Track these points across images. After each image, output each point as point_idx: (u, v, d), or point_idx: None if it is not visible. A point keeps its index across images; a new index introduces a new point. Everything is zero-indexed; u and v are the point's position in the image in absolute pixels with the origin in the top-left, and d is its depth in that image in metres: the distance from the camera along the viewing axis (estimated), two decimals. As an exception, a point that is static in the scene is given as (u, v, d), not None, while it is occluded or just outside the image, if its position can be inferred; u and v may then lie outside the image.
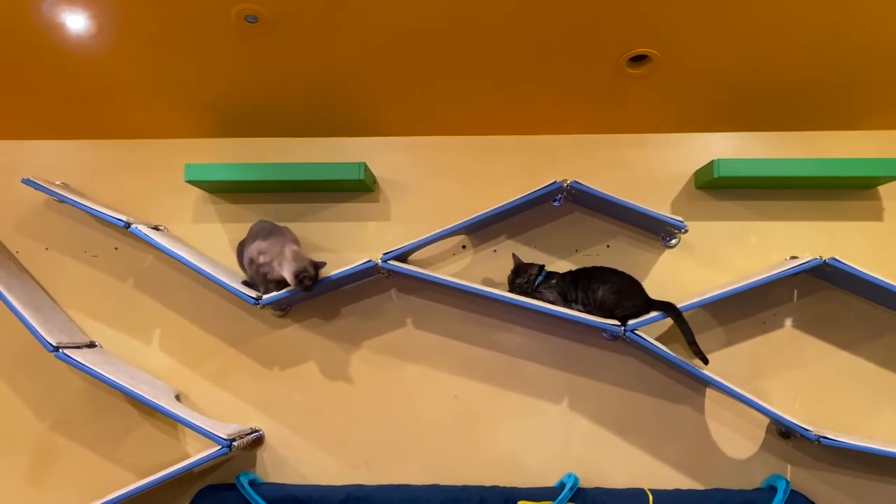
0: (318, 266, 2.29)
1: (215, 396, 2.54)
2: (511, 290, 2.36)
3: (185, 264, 2.35)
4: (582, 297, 2.31)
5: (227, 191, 2.59)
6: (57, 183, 2.56)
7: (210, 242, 2.59)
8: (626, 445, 2.45)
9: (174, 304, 2.57)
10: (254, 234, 2.39)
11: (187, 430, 2.45)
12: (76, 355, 2.29)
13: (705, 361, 2.22)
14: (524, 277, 2.35)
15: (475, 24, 1.98)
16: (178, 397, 2.51)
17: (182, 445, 2.52)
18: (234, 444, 2.26)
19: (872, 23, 1.94)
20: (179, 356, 2.56)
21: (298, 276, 2.24)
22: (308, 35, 2.04)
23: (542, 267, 2.37)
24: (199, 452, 2.30)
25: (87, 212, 2.44)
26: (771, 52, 2.08)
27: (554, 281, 2.35)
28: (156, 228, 2.52)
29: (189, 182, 2.45)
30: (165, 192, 2.61)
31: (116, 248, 2.60)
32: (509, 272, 2.40)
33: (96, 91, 2.35)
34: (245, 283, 2.43)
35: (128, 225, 2.37)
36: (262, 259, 2.31)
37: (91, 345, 2.52)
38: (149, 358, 2.56)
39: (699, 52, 2.09)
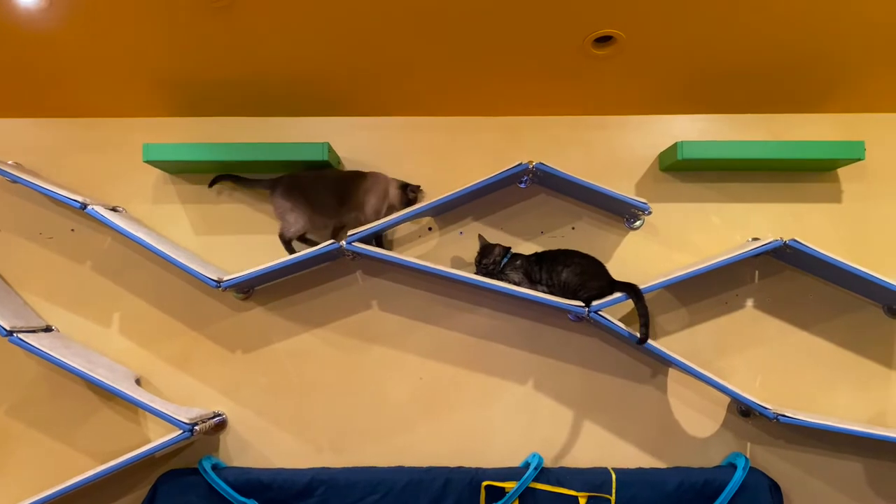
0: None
1: (177, 380, 2.51)
2: (478, 272, 2.36)
3: (144, 246, 2.30)
4: (546, 278, 2.32)
5: (188, 171, 2.53)
6: (9, 163, 2.48)
7: (170, 224, 2.54)
8: (590, 425, 2.48)
9: (134, 287, 2.52)
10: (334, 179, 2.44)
11: (148, 414, 2.41)
12: (31, 340, 2.24)
13: (642, 341, 2.22)
14: (490, 258, 2.34)
15: (440, 4, 1.96)
16: (138, 381, 2.47)
17: (143, 430, 2.48)
18: (196, 428, 2.23)
19: (833, 8, 1.96)
20: (140, 339, 2.51)
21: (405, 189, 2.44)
22: (271, 12, 1.99)
23: (507, 248, 2.37)
24: (160, 437, 2.28)
25: (41, 192, 2.36)
26: (734, 35, 2.09)
27: (519, 262, 2.35)
28: (114, 210, 2.46)
29: (148, 162, 2.39)
30: (124, 172, 2.54)
31: (73, 230, 2.53)
32: (476, 254, 2.39)
33: (50, 67, 2.27)
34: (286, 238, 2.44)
35: (84, 206, 2.30)
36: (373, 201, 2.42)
37: (47, 329, 2.46)
38: (108, 342, 2.51)
39: (664, 34, 2.09)
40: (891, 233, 2.49)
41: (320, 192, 2.42)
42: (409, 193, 2.42)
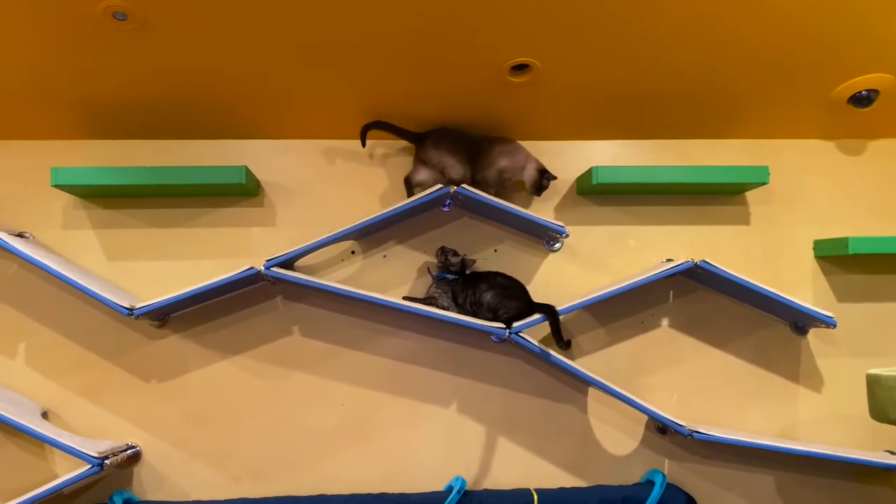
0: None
1: (88, 412, 2.41)
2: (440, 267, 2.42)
3: (51, 273, 2.21)
4: (471, 298, 2.34)
5: (100, 195, 2.45)
6: None
7: (81, 250, 2.44)
8: (513, 446, 2.49)
9: (41, 316, 2.42)
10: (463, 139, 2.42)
11: (56, 449, 2.30)
12: (-73, 374, 2.12)
13: (568, 345, 2.36)
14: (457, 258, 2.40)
15: (357, 29, 1.96)
16: (45, 415, 2.36)
17: (50, 466, 2.37)
18: (106, 461, 2.15)
19: (740, 38, 2.05)
20: (48, 371, 2.41)
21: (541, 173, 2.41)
22: (182, 34, 1.96)
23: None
24: (68, 472, 2.17)
25: (-60, 218, 2.26)
26: (646, 63, 2.16)
27: (445, 283, 2.38)
28: (20, 235, 2.37)
29: (56, 186, 2.31)
30: (31, 197, 2.44)
31: (-25, 257, 2.42)
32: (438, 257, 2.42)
33: (-51, 88, 2.18)
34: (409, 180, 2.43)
35: (-13, 232, 2.20)
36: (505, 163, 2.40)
37: (-54, 362, 2.34)
38: (13, 374, 2.39)
39: (578, 62, 2.15)
40: (795, 253, 2.60)
41: (460, 145, 2.41)
42: (543, 180, 2.41)
